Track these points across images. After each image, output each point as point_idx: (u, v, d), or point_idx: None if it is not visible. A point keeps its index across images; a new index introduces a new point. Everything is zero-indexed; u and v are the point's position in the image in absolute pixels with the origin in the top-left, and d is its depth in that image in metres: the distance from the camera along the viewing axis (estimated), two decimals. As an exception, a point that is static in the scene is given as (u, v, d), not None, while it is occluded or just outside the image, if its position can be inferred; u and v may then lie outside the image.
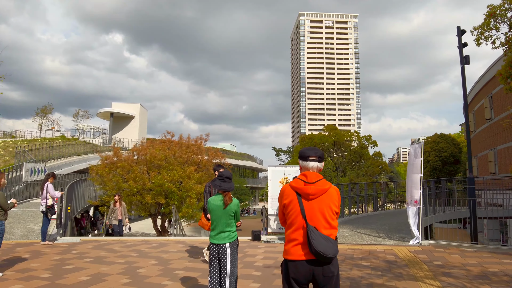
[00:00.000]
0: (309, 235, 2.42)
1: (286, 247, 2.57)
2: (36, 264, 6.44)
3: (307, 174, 2.59)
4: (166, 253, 7.68)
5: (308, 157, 2.63)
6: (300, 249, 2.47)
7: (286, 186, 2.67)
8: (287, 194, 2.61)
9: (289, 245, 2.55)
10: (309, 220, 2.48)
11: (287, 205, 2.59)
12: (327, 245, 2.41)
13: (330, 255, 2.40)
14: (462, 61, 9.47)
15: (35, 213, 13.06)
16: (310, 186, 2.52)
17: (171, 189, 15.82)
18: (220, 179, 4.17)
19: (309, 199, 2.52)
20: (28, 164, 17.59)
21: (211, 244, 4.05)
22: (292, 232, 2.55)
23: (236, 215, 4.11)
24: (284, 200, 2.61)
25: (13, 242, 9.10)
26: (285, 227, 2.76)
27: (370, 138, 29.44)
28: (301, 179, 2.58)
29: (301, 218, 2.51)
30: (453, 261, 6.81)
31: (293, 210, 2.55)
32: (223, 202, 4.03)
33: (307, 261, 2.45)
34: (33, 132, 40.60)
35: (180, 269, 6.15)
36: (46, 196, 8.64)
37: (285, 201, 2.60)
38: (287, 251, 2.54)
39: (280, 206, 2.68)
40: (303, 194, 2.53)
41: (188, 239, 9.94)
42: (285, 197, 2.61)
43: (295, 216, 2.53)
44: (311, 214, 2.50)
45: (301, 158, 2.68)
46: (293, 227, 2.54)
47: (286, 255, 2.54)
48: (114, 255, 7.44)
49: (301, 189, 2.54)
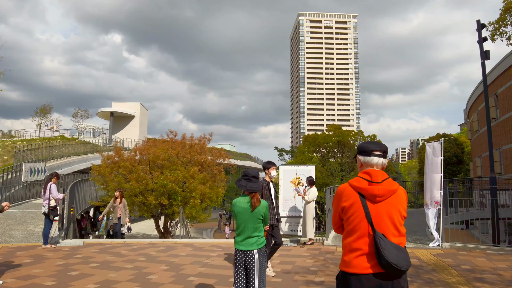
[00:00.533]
0: (378, 244, 2.02)
1: (346, 257, 2.16)
2: (39, 270, 6.01)
3: (371, 172, 2.18)
4: (176, 257, 7.27)
5: (371, 151, 2.22)
6: (366, 261, 2.07)
7: (345, 185, 2.25)
8: (347, 195, 2.19)
9: (350, 255, 2.13)
10: (376, 226, 2.08)
11: (347, 208, 2.17)
12: (399, 256, 2.00)
13: (403, 267, 1.99)
14: (482, 56, 9.09)
15: (35, 215, 12.62)
16: (377, 186, 2.12)
17: (175, 190, 15.41)
18: (246, 178, 3.77)
19: (375, 201, 2.11)
20: (28, 164, 17.14)
21: (236, 251, 3.64)
22: (354, 241, 2.14)
23: (264, 218, 3.71)
24: (344, 202, 2.19)
25: (14, 245, 8.66)
26: (341, 234, 2.36)
27: (374, 138, 29.05)
28: (364, 178, 2.17)
29: (365, 224, 2.10)
30: (481, 265, 6.43)
31: (356, 214, 2.13)
32: (250, 204, 3.63)
33: (374, 274, 2.04)
34: (32, 132, 40.07)
35: (194, 275, 5.74)
36: (48, 197, 8.19)
37: (345, 204, 2.18)
38: (348, 263, 2.13)
39: (337, 209, 2.27)
40: (368, 195, 2.12)
41: (197, 242, 9.52)
42: (344, 198, 2.19)
43: (358, 222, 2.13)
44: (378, 219, 2.10)
45: (362, 153, 2.27)
46: (355, 234, 2.14)
47: (347, 267, 2.13)
48: (121, 259, 7.02)
49: (366, 190, 2.12)
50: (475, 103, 26.88)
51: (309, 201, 8.52)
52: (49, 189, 8.24)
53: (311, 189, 8.65)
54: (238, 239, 3.66)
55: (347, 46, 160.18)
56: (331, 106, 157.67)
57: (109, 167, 16.00)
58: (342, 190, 2.23)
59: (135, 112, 48.31)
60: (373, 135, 29.48)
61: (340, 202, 2.22)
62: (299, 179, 9.40)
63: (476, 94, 26.12)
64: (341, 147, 29.05)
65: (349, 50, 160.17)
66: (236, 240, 3.68)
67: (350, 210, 2.16)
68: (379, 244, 2.01)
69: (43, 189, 8.42)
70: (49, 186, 8.28)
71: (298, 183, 9.42)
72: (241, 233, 3.64)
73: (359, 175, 2.23)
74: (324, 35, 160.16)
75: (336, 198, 2.29)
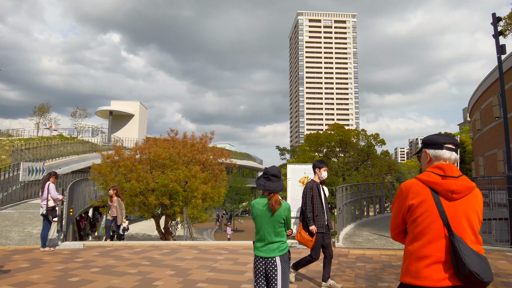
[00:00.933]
0: (457, 249, 1.65)
1: (412, 267, 1.77)
2: (37, 276, 5.64)
3: (444, 166, 1.82)
4: (182, 261, 6.90)
5: (443, 144, 1.87)
6: (440, 270, 1.70)
7: (412, 181, 1.87)
8: (415, 191, 1.81)
9: (418, 264, 1.75)
10: (453, 228, 1.72)
11: (415, 206, 1.79)
12: (482, 266, 1.64)
13: (486, 280, 1.63)
14: (498, 50, 8.77)
15: (33, 215, 12.23)
16: (453, 180, 1.76)
17: (176, 189, 15.06)
18: (265, 177, 3.39)
19: (451, 198, 1.75)
20: (26, 163, 16.73)
21: (256, 258, 3.28)
22: (424, 246, 1.75)
23: (286, 221, 3.35)
24: (411, 199, 1.81)
25: (10, 248, 8.28)
26: (400, 241, 1.99)
27: (378, 136, 28.66)
28: (435, 172, 1.81)
29: (439, 225, 1.73)
30: (505, 268, 6.12)
31: (426, 214, 1.76)
32: (269, 206, 3.27)
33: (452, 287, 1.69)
34: (30, 131, 39.62)
35: (203, 281, 5.37)
36: (47, 197, 7.81)
37: (413, 201, 1.80)
38: (415, 273, 1.75)
39: (400, 209, 1.90)
40: (443, 190, 1.76)
41: (202, 244, 9.16)
42: (411, 195, 1.81)
43: (429, 222, 1.75)
44: (454, 219, 1.73)
45: (431, 146, 1.91)
46: (426, 237, 1.76)
47: (414, 278, 1.75)
48: (123, 263, 6.65)
49: (441, 184, 1.76)
50: (477, 101, 26.59)
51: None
52: (47, 189, 7.86)
53: (322, 188, 8.30)
54: (258, 244, 3.30)
55: (346, 46, 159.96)
56: (330, 105, 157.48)
57: (109, 167, 15.65)
58: (408, 186, 1.85)
59: (134, 111, 47.88)
60: (376, 133, 29.11)
61: (406, 200, 1.84)
62: (307, 178, 9.05)
63: (479, 93, 25.82)
64: (344, 146, 28.69)
65: (348, 49, 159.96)
66: (256, 246, 3.33)
67: (419, 209, 1.78)
68: (459, 249, 1.64)
69: (41, 189, 8.05)
70: (47, 185, 7.90)
71: (306, 182, 9.07)
72: (261, 238, 3.28)
73: (428, 170, 1.86)
74: (323, 35, 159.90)
75: (399, 197, 1.90)
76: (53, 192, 7.88)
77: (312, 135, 30.46)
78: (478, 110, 26.45)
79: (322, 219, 4.93)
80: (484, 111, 25.37)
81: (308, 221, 4.85)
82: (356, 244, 8.53)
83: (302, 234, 4.85)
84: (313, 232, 4.82)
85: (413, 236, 1.83)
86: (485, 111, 25.16)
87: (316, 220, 4.89)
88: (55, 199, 7.95)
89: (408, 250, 1.84)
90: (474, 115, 27.96)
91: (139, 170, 15.24)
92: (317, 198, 4.92)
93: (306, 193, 4.94)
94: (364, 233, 10.19)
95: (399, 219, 1.92)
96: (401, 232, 1.96)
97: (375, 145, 28.67)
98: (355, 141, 28.46)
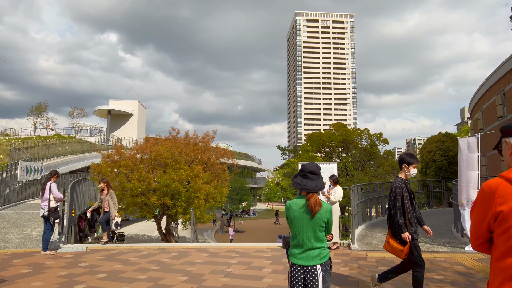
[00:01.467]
0: None
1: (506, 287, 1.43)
2: (39, 283, 5.23)
3: None
4: (193, 265, 6.51)
5: None
6: None
7: (497, 181, 1.50)
8: (505, 193, 1.44)
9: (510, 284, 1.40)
10: None
11: (506, 214, 1.42)
12: None
13: None
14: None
15: (32, 216, 11.79)
16: None
17: (179, 189, 14.66)
18: (302, 174, 3.02)
19: None
20: (24, 163, 16.27)
21: (293, 266, 2.91)
22: None
23: (328, 225, 2.97)
24: (500, 204, 1.44)
25: (9, 251, 7.85)
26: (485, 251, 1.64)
27: (381, 136, 28.36)
28: None
29: None
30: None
31: None
32: (307, 208, 2.89)
33: None
34: (27, 131, 39.03)
35: (219, 288, 4.99)
36: (48, 198, 7.38)
37: (503, 207, 1.43)
38: None
39: (485, 216, 1.53)
40: None
41: (210, 247, 8.77)
42: (499, 199, 1.44)
43: None
44: None
45: None
46: None
47: None
48: (131, 268, 6.25)
49: None
50: (479, 101, 26.37)
51: (334, 202, 7.81)
52: (49, 189, 7.44)
53: (336, 188, 7.94)
54: (295, 251, 2.93)
55: (344, 46, 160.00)
56: (328, 106, 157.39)
57: (110, 166, 15.25)
58: (493, 187, 1.48)
59: (133, 110, 47.36)
60: (379, 133, 28.79)
61: (493, 205, 1.47)
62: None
63: (481, 93, 25.61)
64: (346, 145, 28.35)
65: (346, 49, 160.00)
66: (292, 252, 2.95)
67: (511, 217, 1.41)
68: None
69: (41, 189, 7.62)
70: (49, 185, 7.49)
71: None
72: (299, 244, 2.91)
73: None
74: (321, 35, 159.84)
75: (482, 200, 1.53)
76: (56, 192, 7.47)
77: (314, 135, 30.09)
78: (480, 110, 26.20)
79: (415, 226, 4.17)
80: (487, 111, 25.13)
81: (400, 227, 4.05)
82: (372, 246, 8.17)
83: (391, 243, 4.11)
84: (406, 241, 4.03)
85: (505, 250, 1.46)
86: (488, 110, 24.92)
87: (409, 226, 4.09)
88: (58, 199, 7.53)
89: (499, 266, 1.48)
90: (476, 114, 27.72)
91: (141, 169, 14.84)
92: (407, 199, 4.13)
93: (396, 194, 4.09)
94: (377, 235, 9.84)
95: (483, 228, 1.56)
96: (484, 242, 1.61)
97: (378, 144, 28.40)
98: (358, 141, 28.15)
